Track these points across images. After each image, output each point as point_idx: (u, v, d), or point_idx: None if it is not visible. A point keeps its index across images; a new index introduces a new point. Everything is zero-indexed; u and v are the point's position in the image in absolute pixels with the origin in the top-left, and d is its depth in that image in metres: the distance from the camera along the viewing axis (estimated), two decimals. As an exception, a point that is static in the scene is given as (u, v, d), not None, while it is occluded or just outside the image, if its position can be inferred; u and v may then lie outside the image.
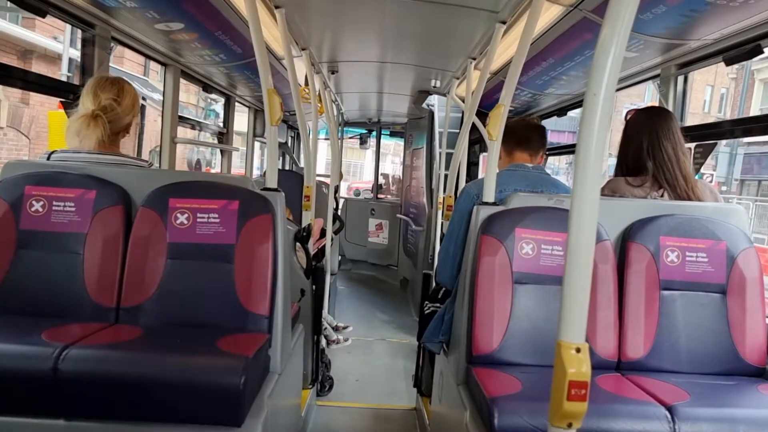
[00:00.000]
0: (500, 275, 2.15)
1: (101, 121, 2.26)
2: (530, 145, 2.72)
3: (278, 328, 2.23)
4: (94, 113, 2.27)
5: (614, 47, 1.06)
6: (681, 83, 3.06)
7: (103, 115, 2.27)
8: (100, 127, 2.27)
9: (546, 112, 4.92)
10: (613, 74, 1.07)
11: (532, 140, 2.73)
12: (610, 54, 1.06)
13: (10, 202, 2.17)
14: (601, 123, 1.08)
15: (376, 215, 9.10)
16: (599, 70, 1.07)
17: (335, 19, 3.51)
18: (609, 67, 1.06)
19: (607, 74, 1.07)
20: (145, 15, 2.81)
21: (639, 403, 1.78)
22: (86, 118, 2.26)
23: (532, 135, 2.73)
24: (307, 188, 3.57)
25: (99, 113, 2.27)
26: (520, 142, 2.71)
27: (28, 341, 1.79)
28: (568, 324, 1.12)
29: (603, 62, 1.07)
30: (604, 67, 1.06)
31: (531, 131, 2.74)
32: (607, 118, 1.09)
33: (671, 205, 2.28)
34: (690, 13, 2.27)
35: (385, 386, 4.52)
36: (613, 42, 1.06)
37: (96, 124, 2.26)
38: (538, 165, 2.73)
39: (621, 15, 1.06)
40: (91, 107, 2.28)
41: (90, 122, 2.26)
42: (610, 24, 1.06)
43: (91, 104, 2.28)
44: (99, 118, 2.26)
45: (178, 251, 2.19)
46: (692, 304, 2.15)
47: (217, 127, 5.43)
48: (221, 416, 1.75)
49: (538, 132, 2.76)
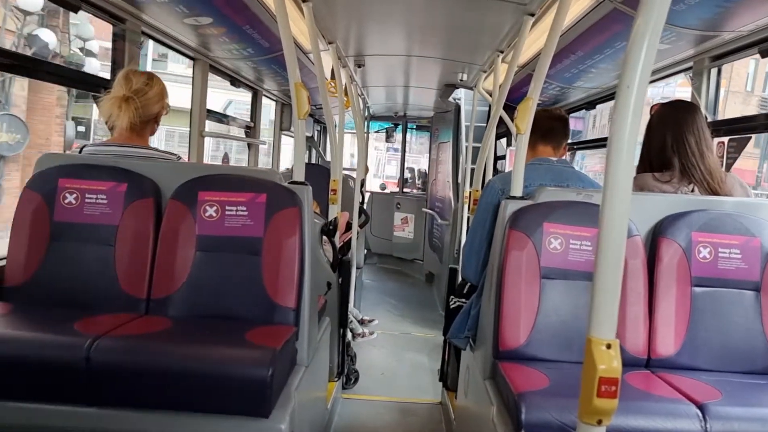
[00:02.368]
0: (528, 270, 2.13)
1: (133, 104, 2.30)
2: (554, 138, 2.69)
3: (305, 320, 2.24)
4: (126, 96, 2.31)
5: (648, 38, 1.04)
6: (714, 76, 3.00)
7: (135, 98, 2.31)
8: (131, 110, 2.30)
9: (574, 106, 4.86)
10: (647, 66, 1.05)
11: (556, 132, 2.69)
12: (643, 45, 1.04)
13: (44, 195, 2.21)
14: (634, 116, 1.06)
15: (401, 209, 9.09)
16: (633, 61, 1.05)
17: (362, 13, 3.50)
18: (642, 59, 1.05)
19: (640, 66, 1.05)
20: (174, 9, 2.83)
21: (669, 401, 1.75)
22: (117, 100, 2.30)
23: (555, 126, 2.70)
24: (334, 182, 3.58)
25: (131, 96, 2.31)
26: (543, 135, 2.67)
27: (62, 331, 1.82)
28: (599, 320, 1.11)
29: (636, 54, 1.05)
30: (637, 59, 1.05)
31: (554, 122, 2.71)
32: (640, 111, 1.07)
33: (702, 200, 2.24)
34: (725, 4, 2.22)
35: (410, 380, 4.52)
36: (647, 33, 1.04)
37: (128, 106, 2.30)
38: (562, 158, 2.70)
39: (655, 5, 1.04)
40: (122, 91, 2.32)
41: (122, 104, 2.30)
42: (644, 15, 1.04)
43: (122, 89, 2.33)
44: (131, 101, 2.30)
45: (207, 243, 2.22)
46: (725, 301, 2.11)
47: (244, 122, 5.47)
48: (249, 407, 1.77)
49: (561, 123, 2.73)
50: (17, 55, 2.33)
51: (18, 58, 2.33)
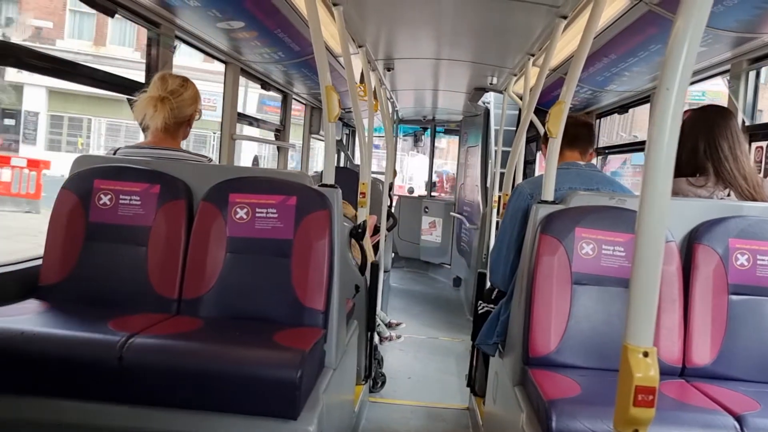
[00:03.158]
0: (559, 275, 2.11)
1: (168, 104, 2.34)
2: (580, 143, 2.68)
3: (333, 323, 2.24)
4: (161, 96, 2.34)
5: (688, 40, 1.02)
6: (753, 79, 2.93)
7: (171, 98, 2.35)
8: (166, 110, 2.34)
9: (606, 110, 4.80)
10: (687, 69, 1.03)
11: (581, 138, 2.68)
12: (684, 47, 1.02)
13: (80, 195, 2.25)
14: (674, 119, 1.04)
15: (429, 213, 9.07)
16: (673, 64, 1.03)
17: (392, 16, 3.51)
18: (683, 61, 1.02)
19: (680, 68, 1.03)
20: (207, 14, 2.87)
21: (705, 411, 1.71)
22: (153, 99, 2.34)
23: (580, 133, 2.68)
24: (363, 185, 3.58)
25: (167, 96, 2.34)
26: (570, 141, 2.65)
27: (96, 330, 1.85)
28: (636, 327, 1.08)
29: (677, 56, 1.02)
30: (677, 61, 1.02)
31: (579, 129, 2.69)
32: (680, 115, 1.05)
33: (739, 206, 2.19)
34: (764, 5, 2.18)
35: (437, 385, 4.50)
36: (687, 35, 1.02)
37: (162, 106, 2.33)
38: (590, 162, 2.67)
39: (696, 6, 1.01)
40: (158, 91, 2.36)
41: (157, 104, 2.33)
42: (684, 16, 1.02)
43: (158, 89, 2.36)
44: (166, 101, 2.34)
45: (238, 245, 2.23)
46: (763, 310, 2.06)
47: (274, 125, 5.51)
48: (278, 409, 1.78)
49: (586, 129, 2.72)
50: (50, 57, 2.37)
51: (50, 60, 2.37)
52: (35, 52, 2.28)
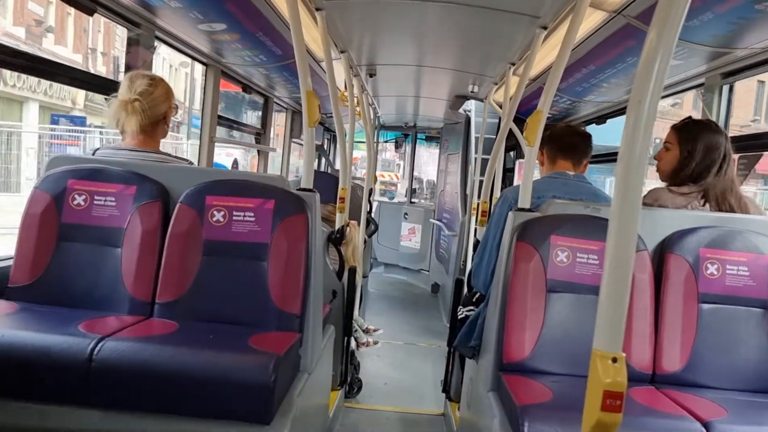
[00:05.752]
0: (534, 282, 2.13)
1: (139, 106, 2.31)
2: (574, 153, 2.67)
3: (309, 327, 2.24)
4: (132, 99, 2.32)
5: (661, 54, 1.04)
6: (726, 93, 2.99)
7: (141, 99, 2.32)
8: (138, 113, 2.31)
9: (584, 120, 4.85)
10: (659, 81, 1.05)
11: (577, 148, 2.68)
12: (656, 60, 1.04)
13: (53, 196, 2.22)
14: (646, 131, 1.06)
15: (409, 219, 9.09)
16: (645, 76, 1.05)
17: (375, 22, 3.52)
18: (655, 74, 1.04)
19: (653, 81, 1.05)
20: (188, 15, 2.85)
21: (674, 418, 1.74)
22: (124, 103, 2.32)
23: (577, 143, 2.69)
24: (342, 190, 3.58)
25: (137, 98, 2.32)
26: (564, 150, 2.66)
27: (66, 332, 1.83)
28: (605, 333, 1.10)
29: (649, 68, 1.05)
30: (650, 74, 1.05)
31: (576, 138, 2.70)
32: (651, 127, 1.07)
33: (711, 217, 2.23)
34: (738, 21, 2.22)
35: (413, 390, 4.50)
36: (660, 48, 1.04)
37: (134, 108, 2.31)
38: (580, 174, 2.69)
39: (669, 21, 1.04)
40: (128, 94, 2.33)
41: (128, 106, 2.31)
42: (657, 29, 1.04)
43: (127, 91, 2.34)
44: (137, 103, 2.31)
45: (214, 248, 2.22)
46: (732, 319, 2.10)
47: (254, 128, 5.49)
48: (251, 413, 1.77)
49: (583, 140, 2.72)
50: (27, 54, 2.35)
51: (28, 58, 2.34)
52: (11, 50, 2.25)
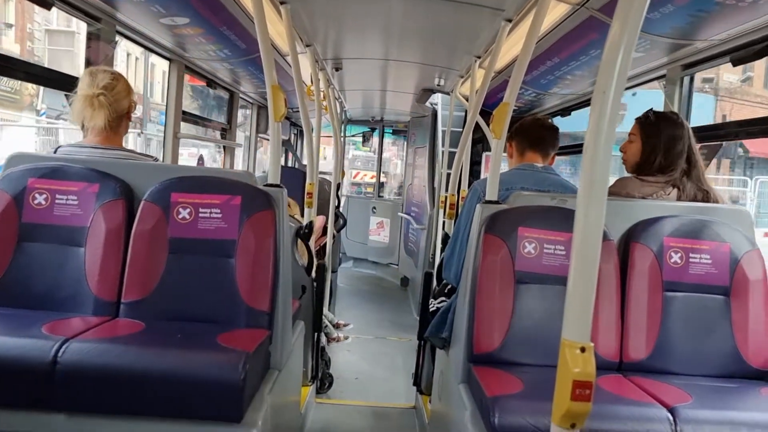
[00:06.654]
0: (502, 274, 2.14)
1: (105, 100, 2.24)
2: (543, 146, 2.72)
3: (279, 324, 2.22)
4: (96, 93, 2.24)
5: (624, 45, 1.05)
6: (687, 84, 3.05)
7: (106, 93, 2.26)
8: (105, 107, 2.24)
9: (550, 112, 4.91)
10: (623, 72, 1.06)
11: (546, 141, 2.72)
12: (619, 51, 1.05)
13: (12, 195, 2.16)
14: (610, 122, 1.07)
15: (377, 213, 9.09)
16: (609, 67, 1.06)
17: (340, 16, 3.50)
18: (618, 66, 1.06)
19: (617, 72, 1.06)
20: (150, 9, 2.80)
21: (641, 405, 1.77)
22: (89, 98, 2.23)
23: (545, 136, 2.73)
24: (310, 185, 3.56)
25: (102, 92, 2.24)
26: (532, 143, 2.71)
27: (29, 334, 1.78)
28: (573, 323, 1.11)
29: (613, 59, 1.06)
30: (613, 65, 1.06)
31: (544, 131, 2.75)
32: (615, 117, 1.09)
33: (675, 206, 2.27)
34: (697, 13, 2.26)
35: (384, 384, 4.51)
36: (623, 39, 1.05)
37: (100, 103, 2.24)
38: (548, 165, 2.72)
39: (631, 12, 1.05)
40: (91, 89, 2.26)
41: (94, 101, 2.23)
42: (620, 20, 1.05)
43: (89, 86, 2.26)
44: (102, 97, 2.24)
45: (180, 246, 2.18)
46: (695, 306, 2.14)
47: (219, 123, 5.42)
48: (221, 411, 1.75)
49: (551, 133, 2.76)
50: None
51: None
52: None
